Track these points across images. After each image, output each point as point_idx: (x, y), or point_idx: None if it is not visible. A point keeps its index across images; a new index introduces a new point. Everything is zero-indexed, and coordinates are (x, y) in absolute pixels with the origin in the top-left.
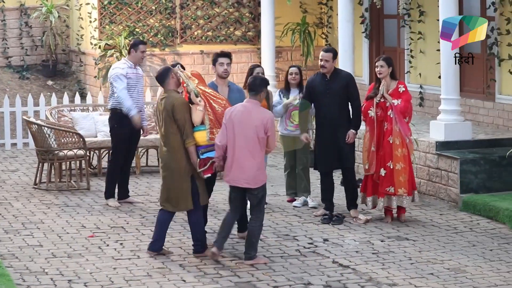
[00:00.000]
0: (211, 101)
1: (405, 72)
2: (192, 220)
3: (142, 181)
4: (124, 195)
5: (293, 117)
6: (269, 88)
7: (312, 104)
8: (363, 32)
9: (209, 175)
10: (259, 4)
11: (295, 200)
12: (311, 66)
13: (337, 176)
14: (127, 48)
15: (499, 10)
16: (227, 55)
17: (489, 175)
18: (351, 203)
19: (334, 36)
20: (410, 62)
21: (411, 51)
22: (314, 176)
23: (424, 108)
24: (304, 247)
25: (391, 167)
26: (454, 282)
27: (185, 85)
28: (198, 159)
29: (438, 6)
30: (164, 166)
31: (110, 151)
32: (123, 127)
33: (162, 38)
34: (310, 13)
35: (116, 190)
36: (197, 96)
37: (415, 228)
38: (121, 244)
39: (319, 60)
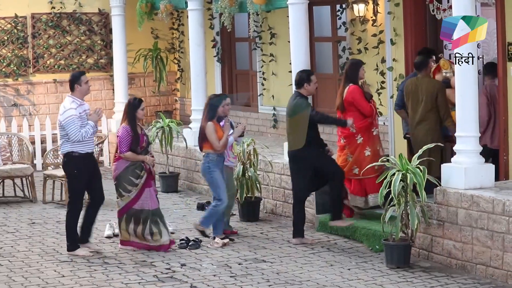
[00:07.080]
0: None
1: (258, 94)
2: None
3: None
4: (85, 239)
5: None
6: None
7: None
8: (215, 56)
9: None
10: (110, 31)
11: None
12: (164, 91)
13: (194, 200)
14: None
15: (350, 29)
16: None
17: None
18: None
19: (186, 61)
20: (262, 84)
21: (263, 73)
22: (170, 201)
23: (278, 130)
24: (161, 272)
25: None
26: None
27: (444, 71)
28: None
29: (289, 28)
30: (420, 141)
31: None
32: (84, 171)
33: (15, 68)
34: (162, 39)
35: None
36: None
37: (272, 250)
38: None
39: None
